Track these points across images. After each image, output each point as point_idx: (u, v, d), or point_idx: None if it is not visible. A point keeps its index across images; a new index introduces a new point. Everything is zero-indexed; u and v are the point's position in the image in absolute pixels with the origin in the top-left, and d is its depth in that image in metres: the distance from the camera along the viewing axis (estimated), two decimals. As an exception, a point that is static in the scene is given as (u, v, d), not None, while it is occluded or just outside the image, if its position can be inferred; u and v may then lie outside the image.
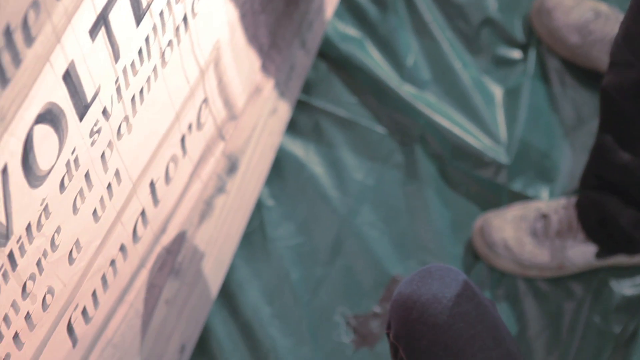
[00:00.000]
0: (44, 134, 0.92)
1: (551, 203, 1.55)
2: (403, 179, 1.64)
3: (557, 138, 1.65)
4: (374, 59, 1.68)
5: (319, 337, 1.56)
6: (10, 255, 0.93)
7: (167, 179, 1.28)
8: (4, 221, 0.90)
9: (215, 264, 1.51)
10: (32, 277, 1.00)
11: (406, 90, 1.66)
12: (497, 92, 1.68)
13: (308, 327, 1.56)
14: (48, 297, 1.05)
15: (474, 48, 1.70)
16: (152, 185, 1.24)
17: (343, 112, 1.67)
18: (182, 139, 1.29)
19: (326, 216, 1.62)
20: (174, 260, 1.39)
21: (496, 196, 1.62)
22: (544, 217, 1.54)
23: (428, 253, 1.59)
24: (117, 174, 1.12)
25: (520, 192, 1.61)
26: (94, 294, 1.17)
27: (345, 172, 1.65)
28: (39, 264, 1.00)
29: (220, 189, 1.47)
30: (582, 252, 1.53)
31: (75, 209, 1.04)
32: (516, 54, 1.69)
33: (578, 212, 1.52)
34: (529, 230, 1.54)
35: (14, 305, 0.98)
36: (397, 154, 1.65)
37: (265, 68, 1.51)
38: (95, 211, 1.10)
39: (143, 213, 1.24)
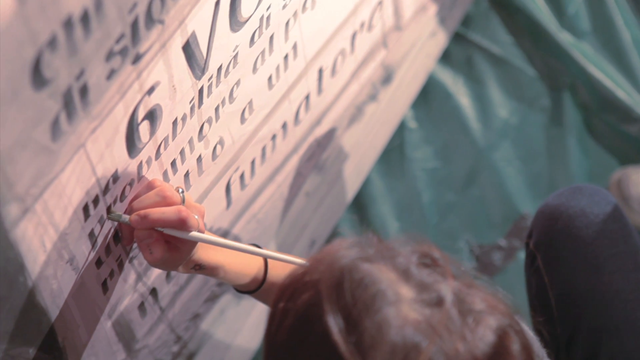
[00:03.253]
0: (251, -19, 0.97)
1: (694, 166, 1.55)
2: (547, 123, 1.66)
3: None
4: (536, 3, 1.70)
5: (442, 259, 1.59)
6: (201, 91, 0.99)
7: (334, 71, 1.32)
8: (204, 54, 0.95)
9: (355, 169, 1.55)
10: (209, 121, 1.05)
11: (563, 38, 1.68)
12: (655, 52, 1.68)
13: (433, 248, 1.59)
14: (218, 147, 1.10)
15: (639, 7, 1.70)
16: (320, 72, 1.28)
17: (497, 50, 1.69)
18: (353, 36, 1.33)
19: (465, 146, 1.65)
20: (321, 154, 1.43)
21: (638, 153, 1.62)
22: (685, 178, 1.54)
23: (561, 197, 1.61)
24: (294, 47, 1.17)
25: (663, 153, 1.61)
26: (253, 162, 1.22)
27: (490, 108, 1.67)
28: (217, 109, 1.05)
29: (373, 97, 1.51)
30: None
31: (255, 68, 1.09)
32: (680, 18, 1.69)
33: None
34: (667, 189, 1.54)
35: (190, 142, 1.03)
36: (544, 98, 1.67)
37: (434, -11, 1.54)
38: (270, 78, 1.15)
39: (307, 97, 1.28)
